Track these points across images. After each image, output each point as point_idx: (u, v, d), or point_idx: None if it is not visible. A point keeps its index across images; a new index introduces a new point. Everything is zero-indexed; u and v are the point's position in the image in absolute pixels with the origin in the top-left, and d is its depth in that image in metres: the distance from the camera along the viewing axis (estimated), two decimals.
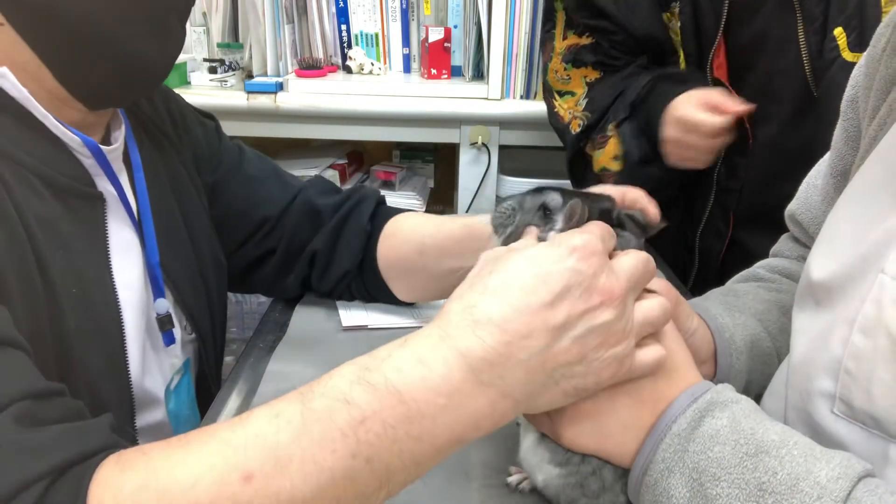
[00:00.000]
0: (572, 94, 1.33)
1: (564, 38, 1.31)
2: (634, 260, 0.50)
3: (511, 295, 0.45)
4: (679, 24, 1.17)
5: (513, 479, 0.64)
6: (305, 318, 0.96)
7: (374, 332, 0.93)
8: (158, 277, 0.77)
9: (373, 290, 0.95)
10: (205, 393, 0.87)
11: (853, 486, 0.42)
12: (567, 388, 0.47)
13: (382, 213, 0.94)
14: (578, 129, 1.28)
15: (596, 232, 0.49)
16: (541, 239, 0.54)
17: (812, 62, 0.99)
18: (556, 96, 1.36)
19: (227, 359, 2.14)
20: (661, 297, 0.51)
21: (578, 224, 0.53)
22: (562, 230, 0.53)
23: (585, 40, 1.29)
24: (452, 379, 0.43)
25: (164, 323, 0.78)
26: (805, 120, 1.04)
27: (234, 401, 0.78)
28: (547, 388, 0.46)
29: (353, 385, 0.43)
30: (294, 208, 0.93)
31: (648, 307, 0.50)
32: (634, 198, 0.64)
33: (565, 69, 1.32)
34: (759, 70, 1.06)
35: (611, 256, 0.51)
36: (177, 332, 0.80)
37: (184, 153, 0.87)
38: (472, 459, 0.68)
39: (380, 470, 0.42)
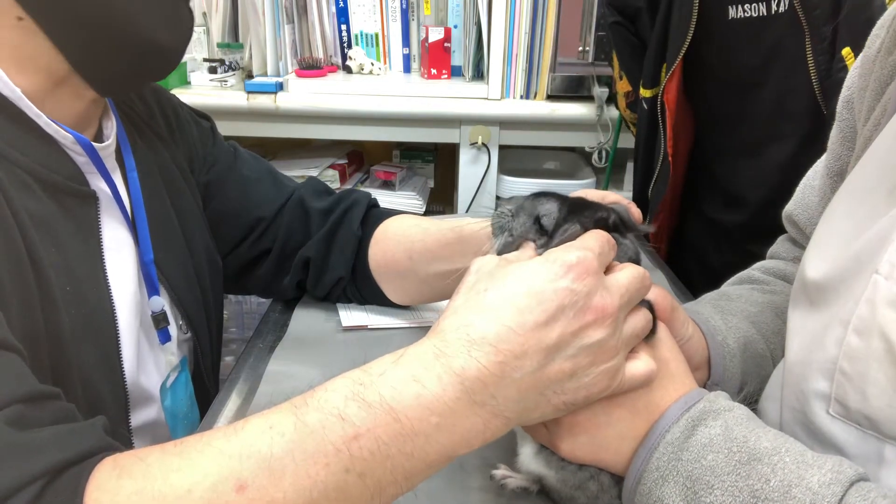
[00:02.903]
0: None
1: (620, 77, 1.44)
2: (630, 277, 0.50)
3: (506, 314, 0.45)
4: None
5: (498, 472, 0.65)
6: (305, 319, 0.96)
7: (374, 333, 0.93)
8: (153, 275, 0.77)
9: (366, 293, 0.95)
10: (201, 392, 0.87)
11: (845, 492, 0.42)
12: (557, 404, 0.48)
13: (373, 216, 0.95)
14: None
15: (594, 247, 0.49)
16: (538, 250, 0.54)
17: (821, 81, 0.99)
18: (630, 125, 1.50)
19: (227, 359, 2.15)
20: (645, 310, 0.52)
21: (575, 237, 0.53)
22: (557, 245, 0.53)
23: (631, 89, 1.39)
24: (446, 398, 0.43)
25: (159, 320, 0.78)
26: (819, 138, 1.04)
27: (234, 401, 0.79)
28: (538, 405, 0.47)
29: (347, 401, 0.43)
30: (288, 209, 0.93)
31: (636, 320, 0.51)
32: (615, 199, 0.64)
33: (630, 114, 1.45)
34: (770, 87, 1.07)
35: (609, 267, 0.52)
36: (172, 329, 0.80)
37: (177, 153, 0.87)
38: (470, 459, 0.68)
39: (371, 484, 0.43)
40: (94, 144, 0.70)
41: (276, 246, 0.93)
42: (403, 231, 0.91)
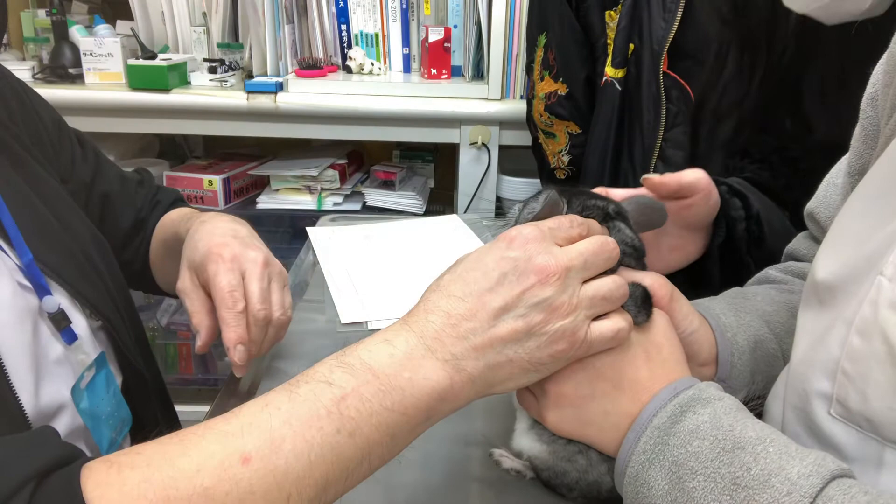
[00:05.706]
0: (555, 136, 1.43)
1: (542, 78, 1.39)
2: (586, 243, 0.53)
3: (455, 287, 0.52)
4: (616, 22, 1.20)
5: (496, 451, 0.67)
6: (304, 317, 0.96)
7: (373, 329, 0.93)
8: (38, 276, 0.69)
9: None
10: (135, 378, 0.80)
11: (825, 484, 0.42)
12: (523, 364, 0.51)
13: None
14: (563, 177, 1.45)
15: (545, 223, 0.53)
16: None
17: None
18: (541, 133, 1.44)
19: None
20: (615, 275, 0.54)
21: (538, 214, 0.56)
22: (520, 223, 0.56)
23: (559, 86, 1.35)
24: (413, 355, 0.49)
25: (59, 321, 0.70)
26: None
27: (234, 402, 0.78)
28: (500, 364, 0.50)
29: (332, 369, 0.48)
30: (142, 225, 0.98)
31: (600, 282, 0.53)
32: (641, 193, 0.66)
33: (549, 117, 1.40)
34: (747, 25, 1.10)
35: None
36: (80, 324, 0.73)
37: (21, 134, 0.79)
38: (472, 457, 0.69)
39: (361, 443, 0.46)
40: None
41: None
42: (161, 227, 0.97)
